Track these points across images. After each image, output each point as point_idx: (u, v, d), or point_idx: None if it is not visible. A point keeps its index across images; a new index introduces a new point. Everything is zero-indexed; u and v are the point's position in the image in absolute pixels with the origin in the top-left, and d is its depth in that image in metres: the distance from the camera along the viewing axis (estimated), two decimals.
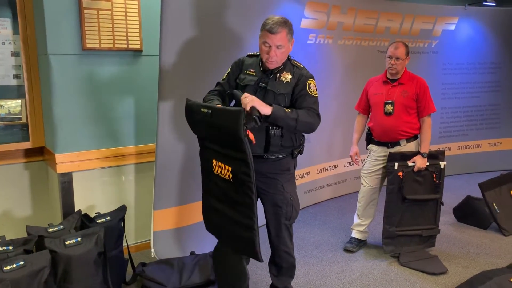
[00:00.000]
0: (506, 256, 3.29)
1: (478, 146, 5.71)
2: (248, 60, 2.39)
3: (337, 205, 4.50)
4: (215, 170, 2.14)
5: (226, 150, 2.06)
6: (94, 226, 2.62)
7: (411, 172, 3.16)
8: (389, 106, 3.17)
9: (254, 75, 2.31)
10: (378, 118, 3.24)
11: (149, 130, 3.19)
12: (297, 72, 2.30)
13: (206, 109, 2.06)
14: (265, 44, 2.21)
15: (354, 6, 4.29)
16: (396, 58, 3.12)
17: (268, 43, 2.19)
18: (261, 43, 2.23)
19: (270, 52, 2.20)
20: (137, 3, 3.08)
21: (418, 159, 3.15)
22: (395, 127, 3.18)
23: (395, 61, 3.13)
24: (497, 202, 3.77)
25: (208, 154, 2.19)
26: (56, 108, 2.89)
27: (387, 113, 3.18)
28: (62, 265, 2.31)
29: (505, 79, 5.66)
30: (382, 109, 3.20)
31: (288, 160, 2.38)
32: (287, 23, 2.22)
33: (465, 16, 5.21)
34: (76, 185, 3.02)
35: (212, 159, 2.15)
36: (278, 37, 2.17)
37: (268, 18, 2.23)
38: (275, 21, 2.17)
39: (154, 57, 3.06)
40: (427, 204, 3.25)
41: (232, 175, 2.02)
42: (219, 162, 2.10)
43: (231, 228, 2.13)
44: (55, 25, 2.81)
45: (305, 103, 2.23)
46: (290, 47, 2.28)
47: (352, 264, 3.18)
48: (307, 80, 2.28)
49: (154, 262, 2.85)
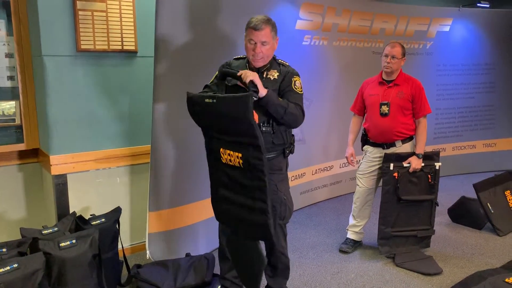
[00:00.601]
0: (500, 256, 3.31)
1: (473, 147, 5.74)
2: (235, 62, 2.45)
3: (332, 206, 4.51)
4: (224, 159, 2.13)
5: (234, 137, 2.07)
6: (88, 228, 2.61)
7: (406, 173, 3.18)
8: (384, 107, 3.18)
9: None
10: (374, 119, 3.24)
11: (144, 132, 3.18)
12: (283, 70, 2.37)
13: (210, 99, 2.07)
14: (250, 41, 2.27)
15: (349, 7, 4.30)
16: (392, 57, 3.14)
17: (253, 40, 2.26)
18: (247, 41, 2.30)
19: (256, 49, 2.26)
20: (132, 4, 3.08)
21: (414, 160, 3.16)
22: (390, 128, 3.19)
23: (391, 60, 3.14)
24: (492, 202, 3.79)
25: (215, 143, 2.18)
26: (51, 110, 2.88)
27: (382, 114, 3.19)
28: (57, 268, 2.30)
29: (499, 80, 5.69)
30: (378, 110, 3.21)
31: (280, 159, 2.42)
32: (271, 21, 2.30)
33: (460, 18, 5.24)
34: (70, 186, 3.01)
35: (219, 148, 2.14)
36: (263, 33, 2.25)
37: (252, 18, 2.30)
38: (259, 19, 2.26)
39: (149, 58, 3.06)
40: (422, 205, 3.27)
41: (243, 161, 2.03)
42: (228, 150, 2.10)
43: (243, 215, 2.13)
44: (49, 27, 2.81)
45: (291, 98, 2.31)
46: (275, 45, 2.35)
47: (348, 265, 3.19)
48: (292, 77, 2.36)
49: (149, 263, 2.84)
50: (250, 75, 2.16)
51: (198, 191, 3.13)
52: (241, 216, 2.15)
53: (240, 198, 2.13)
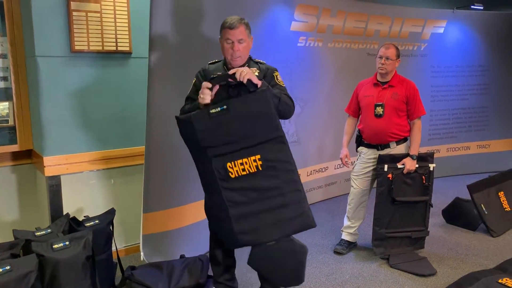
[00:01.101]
0: (494, 257, 3.32)
1: (467, 148, 5.77)
2: (211, 67, 2.44)
3: (327, 207, 4.51)
4: (234, 173, 2.09)
5: (248, 141, 2.06)
6: (82, 229, 2.60)
7: (400, 174, 3.18)
8: (379, 108, 3.19)
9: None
10: (369, 120, 3.25)
11: (138, 133, 3.17)
12: (262, 67, 2.39)
13: (216, 109, 2.05)
14: (227, 41, 2.29)
15: (344, 9, 4.31)
16: (386, 58, 3.14)
17: (230, 39, 2.27)
18: (224, 42, 2.30)
19: (234, 47, 2.28)
20: (126, 5, 3.07)
21: (408, 161, 3.17)
22: (385, 130, 3.19)
23: (385, 61, 3.14)
24: (485, 203, 3.80)
25: (218, 162, 2.10)
26: (44, 111, 2.87)
27: (377, 115, 3.20)
28: (50, 270, 2.28)
29: (493, 82, 5.72)
30: (373, 111, 3.21)
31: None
32: (244, 20, 2.33)
33: (454, 20, 5.26)
34: (64, 188, 3.00)
35: (225, 164, 2.09)
36: (238, 31, 2.27)
37: (225, 19, 2.32)
38: (233, 19, 2.28)
39: (143, 59, 3.05)
40: (416, 206, 3.28)
41: (262, 162, 2.06)
42: (239, 160, 2.07)
43: (277, 217, 2.11)
44: (43, 27, 2.79)
45: (278, 91, 2.28)
46: (250, 43, 2.38)
47: (342, 266, 3.19)
48: (273, 72, 2.39)
49: (143, 265, 2.83)
50: (246, 72, 2.10)
51: (192, 193, 3.13)
52: (274, 220, 2.11)
53: (266, 203, 2.10)
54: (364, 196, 3.37)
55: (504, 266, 3.01)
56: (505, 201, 3.96)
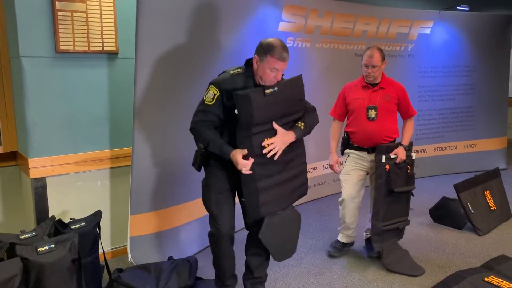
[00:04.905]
0: (480, 255, 3.35)
1: (454, 148, 5.82)
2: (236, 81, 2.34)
3: (316, 207, 4.52)
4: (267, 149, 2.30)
5: (283, 119, 2.37)
6: (68, 232, 2.56)
7: (394, 165, 3.11)
8: (372, 111, 3.11)
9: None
10: (362, 124, 3.16)
11: (125, 134, 3.14)
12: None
13: (269, 89, 2.29)
14: (272, 69, 2.30)
15: (331, 9, 4.33)
16: (373, 66, 3.08)
17: (277, 68, 2.31)
18: (267, 67, 2.29)
19: (277, 76, 2.34)
20: (113, 5, 3.04)
21: (401, 150, 3.11)
22: (379, 133, 3.12)
23: (372, 69, 3.08)
24: (472, 202, 3.84)
25: (257, 139, 2.28)
26: (29, 112, 2.83)
27: (370, 118, 3.12)
28: (34, 273, 2.25)
29: (478, 82, 5.79)
30: (365, 114, 3.13)
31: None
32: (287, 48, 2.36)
33: (440, 20, 5.32)
34: (50, 190, 2.96)
35: (261, 141, 2.29)
36: (286, 63, 2.34)
37: (270, 43, 2.29)
38: (283, 48, 2.30)
39: (130, 59, 3.03)
40: (402, 196, 3.21)
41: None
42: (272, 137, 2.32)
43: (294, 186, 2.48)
44: (27, 27, 2.75)
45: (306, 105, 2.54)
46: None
47: (331, 266, 3.20)
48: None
49: (131, 267, 2.80)
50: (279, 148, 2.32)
51: (179, 194, 3.11)
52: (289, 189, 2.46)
53: (285, 174, 2.41)
54: (356, 198, 3.25)
55: (490, 265, 3.05)
56: (491, 200, 4.01)
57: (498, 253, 3.30)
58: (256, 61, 2.33)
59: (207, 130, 2.36)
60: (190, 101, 3.06)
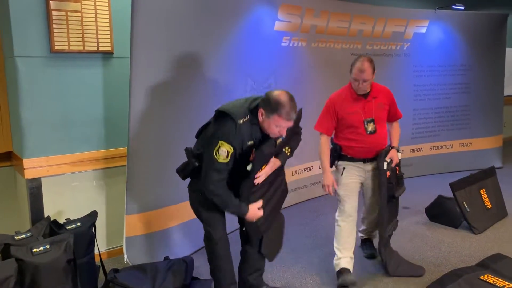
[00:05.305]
0: (476, 254, 3.36)
1: (450, 147, 5.84)
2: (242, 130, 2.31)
3: (312, 207, 4.52)
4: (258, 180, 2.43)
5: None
6: (63, 232, 2.55)
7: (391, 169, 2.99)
8: (370, 124, 2.95)
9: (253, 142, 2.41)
10: (360, 138, 2.96)
11: (120, 134, 3.13)
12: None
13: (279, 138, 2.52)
14: (278, 127, 2.32)
15: (327, 9, 4.33)
16: (364, 81, 2.87)
17: (283, 126, 2.33)
18: (273, 124, 2.31)
19: (282, 131, 2.37)
20: (108, 4, 3.03)
21: (395, 154, 3.01)
22: (379, 144, 2.99)
23: (363, 84, 2.88)
24: (468, 201, 3.85)
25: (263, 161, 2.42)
26: (24, 112, 2.82)
27: (370, 132, 2.95)
28: (29, 274, 2.24)
29: (474, 81, 5.80)
30: (363, 129, 2.94)
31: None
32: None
33: (436, 19, 5.32)
34: (45, 190, 2.95)
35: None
36: (292, 122, 2.36)
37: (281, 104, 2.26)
38: (292, 107, 2.29)
39: (125, 59, 3.01)
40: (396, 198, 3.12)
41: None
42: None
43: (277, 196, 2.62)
44: (21, 27, 2.74)
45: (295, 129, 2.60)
46: None
47: (327, 266, 3.19)
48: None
49: (126, 268, 2.79)
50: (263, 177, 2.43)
51: (175, 194, 3.10)
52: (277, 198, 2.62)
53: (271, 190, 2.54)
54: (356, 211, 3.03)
55: (486, 263, 3.05)
56: (486, 198, 4.02)
57: (493, 252, 3.31)
58: (261, 114, 2.30)
59: (226, 191, 2.34)
60: (185, 101, 3.06)
